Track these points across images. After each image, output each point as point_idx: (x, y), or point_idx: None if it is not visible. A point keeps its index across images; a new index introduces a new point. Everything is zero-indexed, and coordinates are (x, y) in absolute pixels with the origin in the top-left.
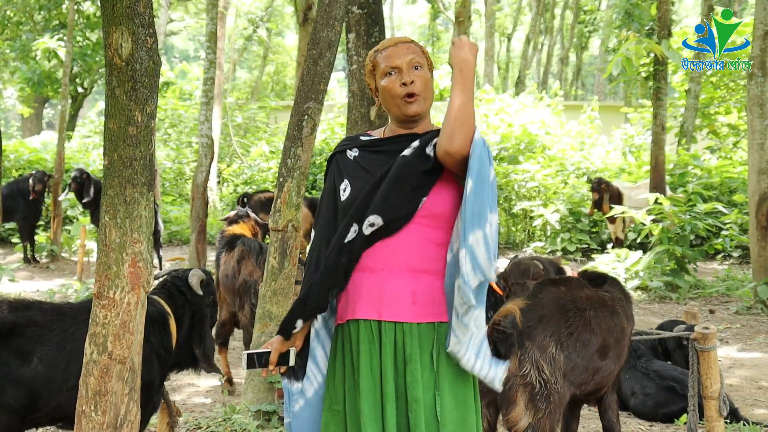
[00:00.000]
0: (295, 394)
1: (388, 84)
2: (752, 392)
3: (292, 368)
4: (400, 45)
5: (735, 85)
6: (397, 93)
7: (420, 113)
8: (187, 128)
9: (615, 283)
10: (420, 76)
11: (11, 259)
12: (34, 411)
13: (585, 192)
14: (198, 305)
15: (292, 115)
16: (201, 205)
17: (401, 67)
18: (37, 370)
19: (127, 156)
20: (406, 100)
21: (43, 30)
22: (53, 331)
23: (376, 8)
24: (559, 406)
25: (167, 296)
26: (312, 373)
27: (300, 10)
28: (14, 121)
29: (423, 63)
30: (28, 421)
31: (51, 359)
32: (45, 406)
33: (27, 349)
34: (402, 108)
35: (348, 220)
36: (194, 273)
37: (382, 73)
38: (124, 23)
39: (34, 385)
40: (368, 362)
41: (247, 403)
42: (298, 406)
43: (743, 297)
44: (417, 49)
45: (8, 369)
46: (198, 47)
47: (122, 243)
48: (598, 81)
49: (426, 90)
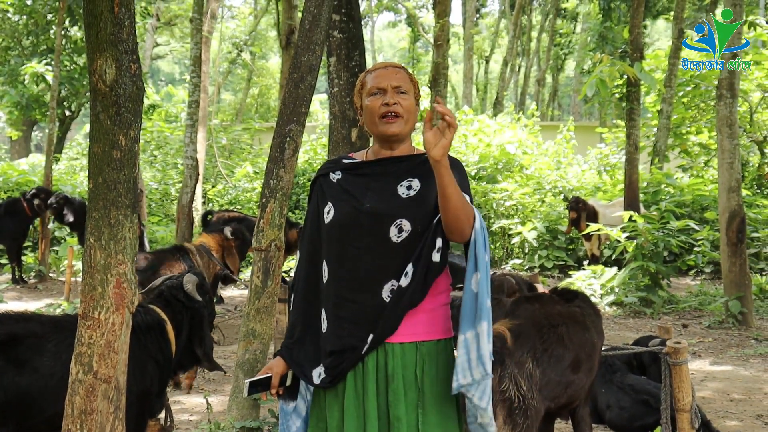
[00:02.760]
0: (290, 414)
1: (371, 103)
2: (724, 404)
3: (287, 388)
4: (390, 68)
5: (705, 106)
6: (379, 112)
7: (399, 134)
8: (173, 150)
9: (585, 298)
10: (403, 100)
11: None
12: (29, 419)
13: (561, 210)
14: (195, 308)
15: (275, 137)
16: (186, 225)
17: (386, 89)
18: (32, 379)
19: (111, 179)
20: (386, 120)
21: (31, 55)
22: (51, 341)
23: (356, 32)
24: (536, 420)
25: (164, 304)
26: (303, 391)
27: (283, 34)
28: (2, 144)
29: (409, 89)
30: (24, 429)
31: (47, 369)
32: (40, 414)
33: (25, 358)
34: (381, 127)
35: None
36: (188, 279)
37: (368, 92)
38: (108, 50)
39: (29, 393)
40: (352, 381)
41: (231, 419)
42: (294, 427)
43: (715, 311)
44: (406, 76)
45: (5, 377)
46: (183, 70)
47: (107, 264)
48: (573, 102)
49: (408, 113)
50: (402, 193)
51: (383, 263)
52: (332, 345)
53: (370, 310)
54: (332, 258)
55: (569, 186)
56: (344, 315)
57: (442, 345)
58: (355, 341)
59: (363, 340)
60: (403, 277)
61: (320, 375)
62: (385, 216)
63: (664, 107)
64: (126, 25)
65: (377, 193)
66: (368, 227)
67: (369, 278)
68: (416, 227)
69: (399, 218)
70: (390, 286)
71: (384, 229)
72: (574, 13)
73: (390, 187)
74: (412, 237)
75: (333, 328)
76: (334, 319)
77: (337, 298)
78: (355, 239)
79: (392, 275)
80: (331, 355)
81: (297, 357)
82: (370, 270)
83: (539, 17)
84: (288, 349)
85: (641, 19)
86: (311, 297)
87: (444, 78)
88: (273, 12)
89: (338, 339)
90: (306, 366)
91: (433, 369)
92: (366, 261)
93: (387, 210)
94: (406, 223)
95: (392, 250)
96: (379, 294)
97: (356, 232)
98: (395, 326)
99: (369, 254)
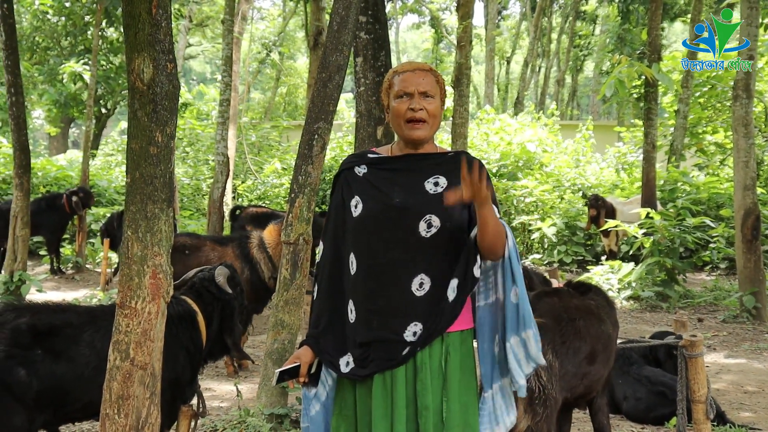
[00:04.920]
0: (311, 399)
1: (398, 106)
2: (738, 396)
3: (311, 375)
4: (417, 72)
5: (721, 106)
6: (405, 117)
7: (424, 139)
8: (204, 147)
9: (599, 291)
10: (429, 105)
11: (39, 270)
12: (66, 406)
13: (580, 207)
14: (226, 300)
15: (303, 134)
16: (217, 220)
17: (413, 94)
18: (68, 368)
19: (148, 174)
20: (412, 125)
21: (70, 55)
22: (86, 332)
23: (383, 33)
24: (555, 410)
25: (195, 296)
26: (324, 377)
27: (311, 35)
28: (42, 141)
29: (435, 93)
30: (61, 415)
31: (83, 358)
32: (76, 401)
33: (61, 348)
34: (407, 132)
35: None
36: (219, 272)
37: (395, 94)
38: (146, 50)
39: (66, 381)
40: (380, 373)
41: (260, 406)
42: (314, 411)
43: (730, 306)
44: (432, 79)
45: (43, 366)
46: (214, 70)
47: (143, 256)
48: (592, 102)
49: (433, 118)
50: (429, 189)
51: (412, 257)
52: (362, 337)
53: (400, 303)
54: (361, 251)
55: (588, 183)
56: (373, 307)
57: (465, 335)
58: (385, 333)
59: (394, 332)
60: (449, 292)
61: (348, 364)
62: (414, 211)
63: (680, 107)
64: (163, 26)
65: (405, 188)
66: (397, 221)
67: (398, 272)
68: (445, 223)
69: (428, 214)
70: (419, 279)
71: (413, 224)
72: (593, 16)
73: (417, 183)
74: (441, 232)
75: (362, 320)
76: (362, 311)
77: (366, 291)
78: (384, 233)
79: (421, 269)
80: (361, 346)
81: (324, 346)
82: (399, 263)
83: (559, 19)
84: (314, 339)
85: (659, 21)
86: (336, 288)
87: (466, 78)
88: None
89: (368, 331)
90: (333, 354)
91: (457, 358)
92: (395, 255)
93: (416, 205)
94: (435, 219)
95: (421, 245)
96: (408, 287)
97: (385, 226)
98: (430, 341)
99: (398, 248)
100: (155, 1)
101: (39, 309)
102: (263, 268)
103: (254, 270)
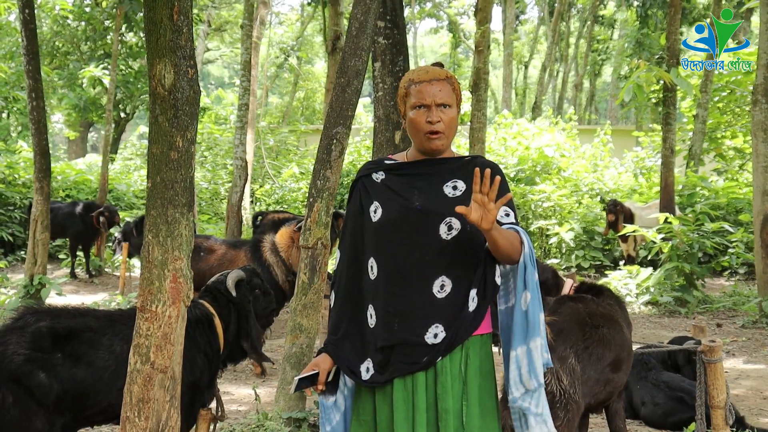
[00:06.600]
0: (330, 408)
1: (415, 117)
2: (757, 402)
3: (329, 383)
4: (434, 83)
5: (740, 111)
6: (422, 128)
7: (441, 148)
8: (223, 151)
9: (610, 293)
10: (446, 115)
11: (58, 273)
12: (85, 410)
13: (598, 211)
14: (240, 303)
15: (322, 139)
16: (235, 224)
17: (430, 105)
18: (88, 372)
19: (168, 179)
20: (429, 136)
21: (89, 59)
22: (105, 335)
23: (401, 38)
24: (577, 415)
25: (211, 299)
26: (341, 385)
27: (329, 40)
28: (61, 144)
29: (452, 102)
30: (80, 419)
31: (102, 362)
32: (95, 405)
33: (81, 352)
34: (426, 143)
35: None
36: (231, 275)
37: (412, 105)
38: (167, 55)
39: (85, 385)
40: (401, 377)
41: (279, 410)
42: (335, 421)
43: (749, 312)
44: (448, 88)
45: (63, 370)
46: (233, 75)
47: (164, 260)
48: (610, 106)
49: (449, 128)
50: (449, 193)
51: (433, 260)
52: (383, 340)
53: (420, 305)
54: (381, 255)
55: (606, 188)
56: (394, 310)
57: (484, 339)
58: (406, 335)
59: (415, 334)
60: (470, 302)
61: (368, 370)
62: (435, 214)
63: (699, 112)
64: (184, 31)
65: (424, 192)
66: (418, 225)
67: (419, 274)
68: (465, 225)
69: (448, 216)
70: (440, 281)
71: (434, 227)
72: (611, 20)
73: (436, 187)
74: (461, 235)
75: (382, 324)
76: (383, 314)
77: (387, 294)
78: (405, 236)
79: (442, 271)
80: (381, 351)
81: (343, 353)
82: (420, 266)
83: (577, 24)
84: (333, 346)
85: (678, 26)
86: (354, 293)
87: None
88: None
89: (389, 334)
90: (353, 361)
91: (476, 361)
92: (416, 258)
93: (437, 208)
94: (456, 222)
95: (442, 247)
96: (429, 289)
97: (406, 229)
98: (452, 349)
99: (419, 251)
100: (177, 7)
101: (59, 313)
102: (276, 271)
103: (268, 273)
